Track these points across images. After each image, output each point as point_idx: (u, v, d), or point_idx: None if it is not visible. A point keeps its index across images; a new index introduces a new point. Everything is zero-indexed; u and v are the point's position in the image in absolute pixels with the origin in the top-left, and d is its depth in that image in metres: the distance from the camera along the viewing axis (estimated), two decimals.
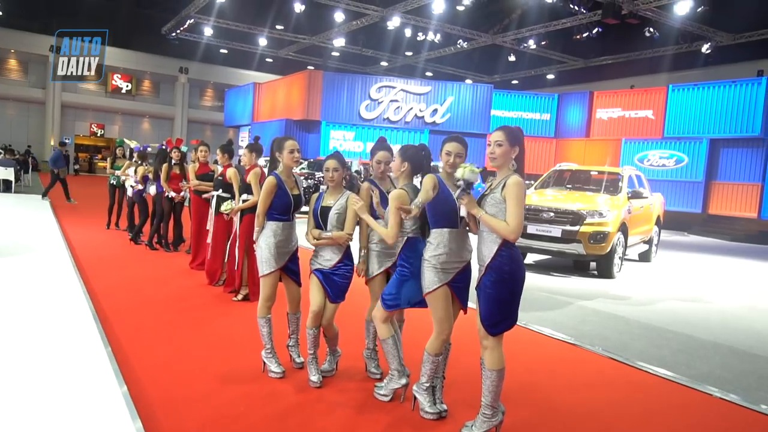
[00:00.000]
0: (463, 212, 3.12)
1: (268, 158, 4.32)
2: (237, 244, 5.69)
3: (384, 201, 3.70)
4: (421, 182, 3.39)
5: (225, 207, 5.59)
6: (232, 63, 35.68)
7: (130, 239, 9.05)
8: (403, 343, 3.60)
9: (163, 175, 8.11)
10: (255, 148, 5.80)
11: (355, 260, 3.83)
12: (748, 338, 5.61)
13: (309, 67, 28.51)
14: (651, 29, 20.99)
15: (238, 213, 5.64)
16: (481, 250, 3.10)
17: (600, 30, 21.35)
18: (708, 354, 4.96)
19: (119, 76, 35.15)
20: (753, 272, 10.82)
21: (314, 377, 3.69)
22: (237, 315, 5.27)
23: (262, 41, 28.43)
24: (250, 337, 4.39)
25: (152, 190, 8.64)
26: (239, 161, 7.70)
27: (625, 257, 9.06)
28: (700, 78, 22.16)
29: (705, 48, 22.01)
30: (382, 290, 3.60)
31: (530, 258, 9.66)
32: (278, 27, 27.34)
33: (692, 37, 22.39)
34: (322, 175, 6.92)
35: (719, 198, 20.48)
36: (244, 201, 5.58)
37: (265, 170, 4.78)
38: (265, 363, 3.89)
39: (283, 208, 3.85)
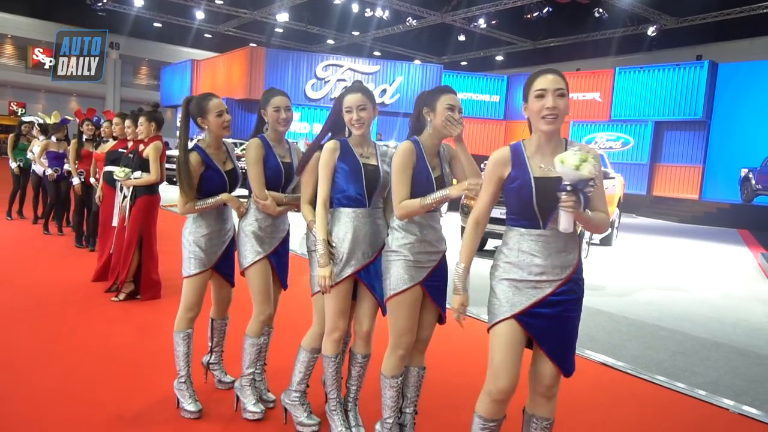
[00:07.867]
0: (564, 223, 1.94)
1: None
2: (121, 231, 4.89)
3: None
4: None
5: (119, 172, 4.65)
6: (168, 39, 33.43)
7: (78, 244, 7.13)
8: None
9: (71, 155, 6.81)
10: (155, 116, 4.77)
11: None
12: (748, 336, 5.00)
13: (251, 44, 26.89)
14: (600, 10, 20.88)
15: (130, 191, 4.76)
16: (550, 253, 2.05)
17: (550, 10, 21.11)
18: (710, 356, 4.34)
19: (41, 50, 32.29)
20: (713, 254, 10.66)
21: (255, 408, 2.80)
22: (129, 324, 4.24)
23: (200, 14, 26.54)
24: (156, 358, 3.44)
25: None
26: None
27: (591, 242, 8.55)
28: (645, 61, 22.27)
29: (651, 31, 22.13)
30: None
31: (491, 244, 9.03)
32: (217, 0, 25.56)
33: (639, 20, 22.50)
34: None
35: (663, 180, 20.83)
36: (137, 178, 4.68)
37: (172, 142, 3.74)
38: (179, 400, 2.87)
39: (213, 191, 2.85)
